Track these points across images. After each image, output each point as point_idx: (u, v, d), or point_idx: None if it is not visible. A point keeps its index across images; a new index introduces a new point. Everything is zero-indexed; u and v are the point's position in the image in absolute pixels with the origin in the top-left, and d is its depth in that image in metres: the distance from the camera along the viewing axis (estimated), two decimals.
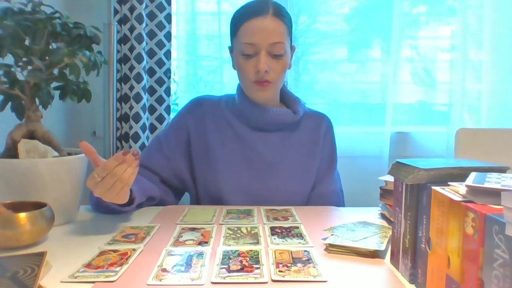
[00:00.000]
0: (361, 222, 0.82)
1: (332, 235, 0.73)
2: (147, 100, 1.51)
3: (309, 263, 0.64)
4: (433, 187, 0.53)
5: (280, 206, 1.00)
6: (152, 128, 1.54)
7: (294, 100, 1.13)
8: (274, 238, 0.76)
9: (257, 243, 0.73)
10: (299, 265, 0.63)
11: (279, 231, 0.80)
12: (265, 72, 1.00)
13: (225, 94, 1.19)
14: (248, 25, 1.00)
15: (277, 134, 1.10)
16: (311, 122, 1.14)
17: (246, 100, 1.08)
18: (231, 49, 1.10)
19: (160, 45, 1.50)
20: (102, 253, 0.68)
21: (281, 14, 1.02)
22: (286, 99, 1.15)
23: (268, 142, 1.09)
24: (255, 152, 1.08)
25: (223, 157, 1.07)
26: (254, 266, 0.63)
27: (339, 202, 1.12)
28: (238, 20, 1.03)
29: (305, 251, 0.69)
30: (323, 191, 1.10)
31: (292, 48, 1.09)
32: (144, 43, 1.47)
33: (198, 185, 1.10)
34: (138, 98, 1.47)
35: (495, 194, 0.44)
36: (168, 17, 1.50)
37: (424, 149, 1.64)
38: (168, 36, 1.51)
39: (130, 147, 1.47)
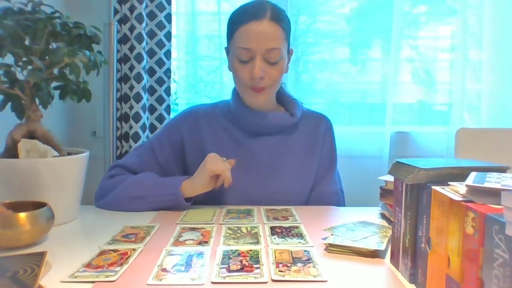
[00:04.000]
0: (361, 222, 0.82)
1: (332, 235, 0.73)
2: (147, 100, 1.51)
3: (309, 263, 0.64)
4: (433, 187, 0.53)
5: (279, 206, 1.00)
6: (152, 128, 1.54)
7: (292, 102, 1.12)
8: (274, 238, 0.76)
9: (257, 243, 0.73)
10: (299, 265, 0.63)
11: (279, 230, 0.80)
12: (260, 78, 0.99)
13: (220, 101, 1.18)
14: (244, 29, 0.98)
15: (275, 137, 1.09)
16: (310, 123, 1.13)
17: (242, 105, 1.07)
18: (227, 50, 1.09)
19: (160, 45, 1.50)
20: (102, 252, 0.68)
21: (279, 18, 1.00)
22: (283, 100, 1.13)
23: (265, 146, 1.08)
24: (252, 157, 1.08)
25: None
26: (254, 266, 0.63)
27: (339, 202, 1.12)
28: (235, 23, 1.01)
29: (305, 251, 0.69)
30: (322, 192, 1.10)
31: (290, 52, 1.07)
32: (144, 43, 1.47)
33: None
34: (138, 98, 1.47)
35: (495, 194, 0.44)
36: (168, 17, 1.50)
37: (424, 149, 1.64)
38: (168, 36, 1.51)
39: (130, 146, 1.47)
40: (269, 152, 1.08)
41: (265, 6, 1.00)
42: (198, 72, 1.66)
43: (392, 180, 0.78)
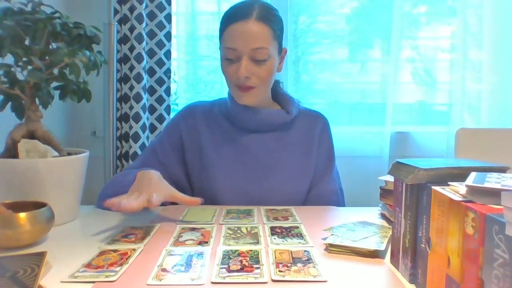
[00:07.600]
0: (361, 222, 0.82)
1: (332, 235, 0.73)
2: (147, 100, 1.51)
3: (309, 263, 0.64)
4: (433, 187, 0.53)
5: (279, 206, 1.00)
6: (152, 128, 1.54)
7: (287, 100, 1.12)
8: (274, 238, 0.76)
9: (257, 243, 0.73)
10: (299, 265, 0.63)
11: (279, 231, 0.80)
12: (246, 78, 0.99)
13: (218, 98, 1.18)
14: (231, 29, 0.98)
15: (271, 134, 1.09)
16: (306, 121, 1.13)
17: (237, 103, 1.07)
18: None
19: (160, 45, 1.50)
20: (102, 253, 0.68)
21: (267, 18, 0.99)
22: (279, 98, 1.14)
23: (262, 143, 1.09)
24: (249, 154, 1.08)
25: (218, 161, 1.07)
26: (254, 266, 0.63)
27: (339, 201, 1.12)
28: (224, 23, 1.02)
29: (305, 251, 0.69)
30: (322, 190, 1.10)
31: (283, 51, 1.07)
32: (144, 43, 1.47)
33: (194, 189, 1.10)
34: (138, 98, 1.47)
35: (495, 194, 0.44)
36: (168, 17, 1.50)
37: (424, 149, 1.64)
38: (168, 36, 1.51)
39: (130, 147, 1.47)
40: (265, 150, 1.08)
41: (253, 6, 0.99)
42: (198, 72, 1.66)
43: (392, 180, 0.78)
